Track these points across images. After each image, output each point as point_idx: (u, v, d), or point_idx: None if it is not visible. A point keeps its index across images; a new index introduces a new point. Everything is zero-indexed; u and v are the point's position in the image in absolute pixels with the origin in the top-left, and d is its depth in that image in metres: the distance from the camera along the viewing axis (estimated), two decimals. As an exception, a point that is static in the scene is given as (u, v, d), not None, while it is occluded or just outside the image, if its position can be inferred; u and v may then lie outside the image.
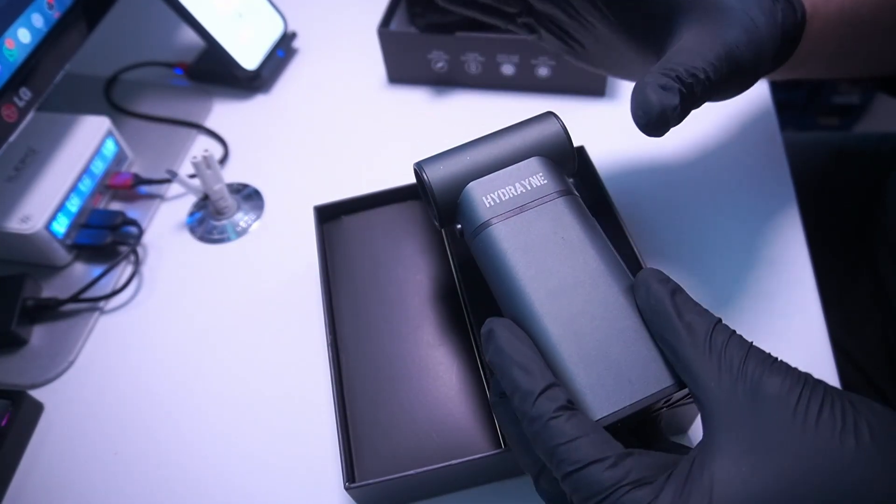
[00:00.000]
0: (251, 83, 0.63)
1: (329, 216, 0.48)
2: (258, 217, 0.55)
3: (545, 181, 0.33)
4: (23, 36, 0.47)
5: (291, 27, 0.66)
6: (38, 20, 0.48)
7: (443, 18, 0.57)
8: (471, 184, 0.33)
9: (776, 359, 0.25)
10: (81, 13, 0.52)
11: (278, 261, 0.51)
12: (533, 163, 0.34)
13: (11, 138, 0.46)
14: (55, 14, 0.50)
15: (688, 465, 0.25)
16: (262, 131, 0.61)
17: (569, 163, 0.35)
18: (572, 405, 0.26)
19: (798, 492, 0.23)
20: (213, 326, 0.49)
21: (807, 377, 0.25)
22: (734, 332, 0.26)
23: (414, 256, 0.45)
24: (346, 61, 0.65)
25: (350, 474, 0.36)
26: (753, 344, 0.26)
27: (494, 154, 0.34)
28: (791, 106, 1.32)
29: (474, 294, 0.41)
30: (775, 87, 0.57)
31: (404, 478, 0.34)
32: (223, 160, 0.59)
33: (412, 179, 0.49)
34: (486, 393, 0.39)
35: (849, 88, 1.29)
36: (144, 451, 0.43)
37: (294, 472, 0.41)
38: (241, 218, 0.54)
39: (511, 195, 0.33)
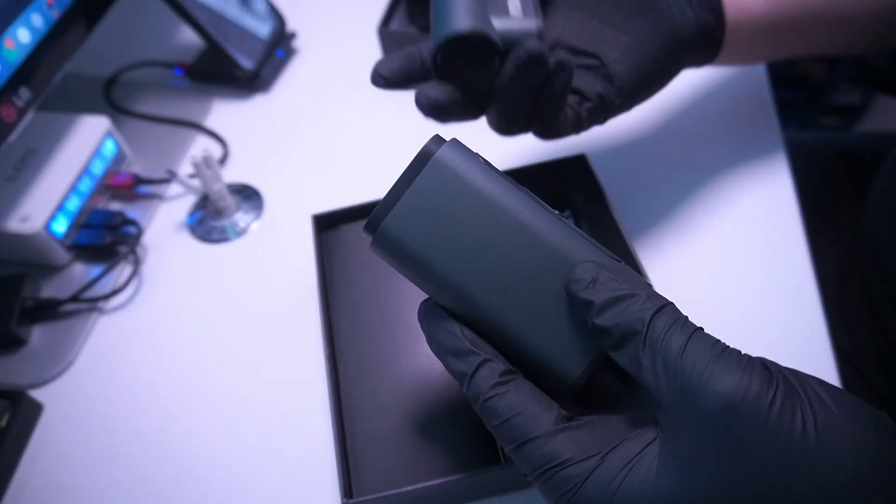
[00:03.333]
0: (251, 83, 0.63)
1: (327, 225, 0.48)
2: (258, 217, 0.55)
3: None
4: (22, 36, 0.47)
5: (291, 27, 0.66)
6: (37, 20, 0.48)
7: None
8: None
9: (722, 348, 0.24)
10: (81, 13, 0.52)
11: (278, 261, 0.51)
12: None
13: (11, 138, 0.46)
14: (55, 14, 0.50)
15: (616, 449, 0.25)
16: (262, 131, 0.61)
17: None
18: (508, 377, 0.26)
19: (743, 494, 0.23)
20: (213, 327, 0.48)
21: (753, 365, 0.24)
22: (677, 319, 0.25)
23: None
24: (346, 61, 0.65)
25: (348, 489, 0.36)
26: (698, 330, 0.25)
27: None
28: (791, 106, 1.32)
29: None
30: (775, 87, 0.57)
31: (403, 493, 0.34)
32: (223, 160, 0.59)
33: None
34: None
35: (849, 88, 1.29)
36: (144, 451, 0.43)
37: (292, 485, 0.41)
38: (241, 218, 0.54)
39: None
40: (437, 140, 0.28)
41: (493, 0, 0.33)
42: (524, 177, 0.44)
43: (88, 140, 0.54)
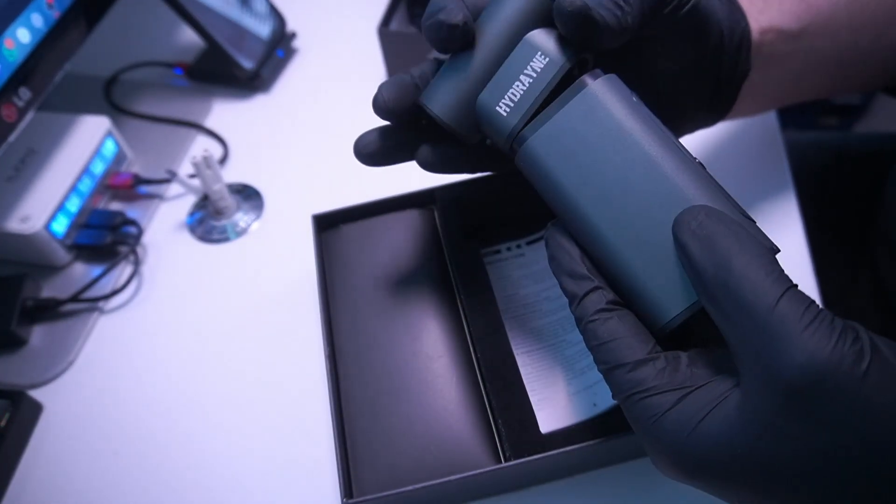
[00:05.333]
0: (251, 83, 0.63)
1: (327, 225, 0.48)
2: (258, 217, 0.55)
3: (547, 59, 0.30)
4: (22, 36, 0.47)
5: (291, 27, 0.66)
6: (37, 20, 0.48)
7: (443, 18, 0.57)
8: (479, 98, 0.31)
9: (815, 312, 0.24)
10: (81, 13, 0.52)
11: (278, 261, 0.51)
12: (526, 45, 0.30)
13: (11, 138, 0.46)
14: (55, 14, 0.50)
15: (700, 389, 0.25)
16: (262, 131, 0.61)
17: (570, 23, 0.29)
18: (614, 306, 0.28)
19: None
20: (213, 327, 0.49)
21: (845, 336, 0.23)
22: (770, 272, 0.25)
23: (413, 266, 0.45)
24: (346, 61, 0.65)
25: (348, 489, 0.36)
26: (792, 288, 0.25)
27: (488, 53, 0.31)
28: (791, 106, 1.32)
29: (474, 305, 0.41)
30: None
31: (403, 493, 0.34)
32: (223, 160, 0.59)
33: (412, 181, 0.48)
34: (486, 406, 0.39)
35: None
36: (144, 451, 0.43)
37: (292, 485, 0.41)
38: (241, 218, 0.54)
39: (521, 92, 0.30)
40: (595, 74, 0.29)
41: (498, 81, 0.31)
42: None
43: (89, 140, 0.54)
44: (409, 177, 0.48)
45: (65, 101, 0.59)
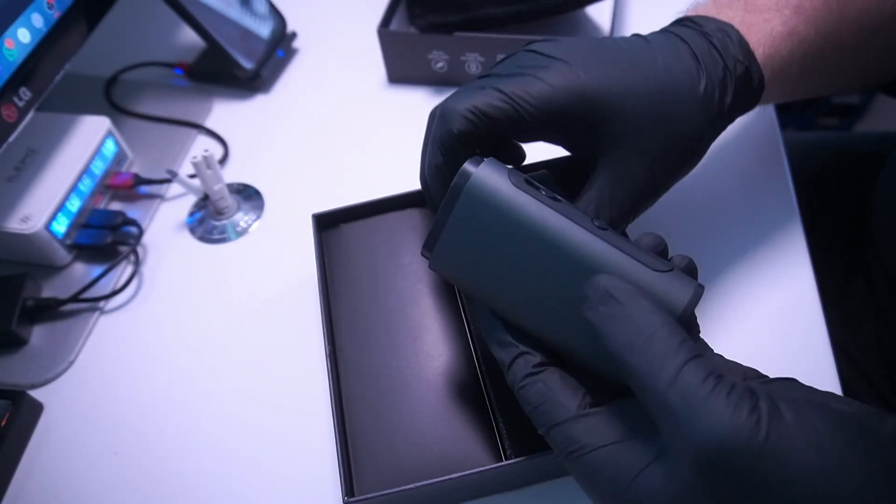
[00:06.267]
0: (251, 83, 0.63)
1: (328, 224, 0.48)
2: (258, 217, 0.55)
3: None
4: (22, 36, 0.47)
5: (291, 27, 0.66)
6: (37, 20, 0.48)
7: (443, 18, 0.57)
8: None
9: (713, 383, 0.24)
10: (81, 13, 0.52)
11: (278, 261, 0.51)
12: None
13: (11, 138, 0.46)
14: (55, 14, 0.50)
15: (631, 441, 0.26)
16: (262, 131, 0.61)
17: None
18: (540, 368, 0.29)
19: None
20: (213, 327, 0.48)
21: (741, 402, 0.24)
22: (681, 342, 0.25)
23: (413, 265, 0.45)
24: (346, 61, 0.65)
25: (349, 488, 0.36)
26: (694, 359, 0.25)
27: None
28: (791, 106, 1.32)
29: (475, 304, 0.41)
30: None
31: (404, 491, 0.34)
32: (223, 160, 0.59)
33: (411, 181, 0.48)
34: (487, 404, 0.39)
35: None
36: (144, 451, 0.43)
37: (293, 484, 0.41)
38: (241, 218, 0.54)
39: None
40: (473, 162, 0.30)
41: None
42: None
43: (89, 140, 0.54)
44: (410, 176, 0.48)
45: (65, 101, 0.59)
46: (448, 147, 0.33)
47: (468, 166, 0.30)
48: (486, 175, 0.30)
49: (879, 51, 0.42)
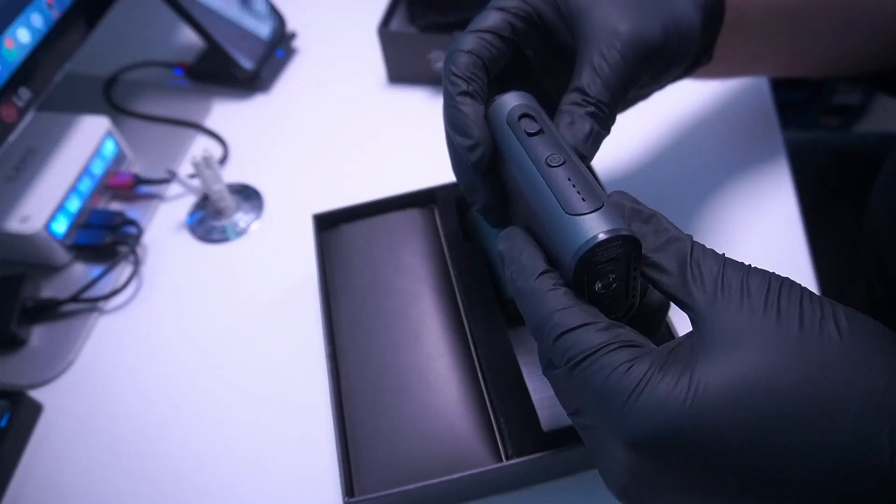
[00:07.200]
0: (251, 83, 0.63)
1: (328, 225, 0.48)
2: (258, 217, 0.55)
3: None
4: (22, 36, 0.47)
5: (291, 27, 0.66)
6: (37, 20, 0.48)
7: (443, 18, 0.57)
8: None
9: (751, 265, 0.26)
10: (81, 13, 0.52)
11: (278, 261, 0.51)
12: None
13: (11, 138, 0.46)
14: (55, 14, 0.50)
15: (674, 344, 0.26)
16: (262, 131, 0.61)
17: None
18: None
19: (784, 381, 0.23)
20: (213, 327, 0.48)
21: (783, 278, 0.26)
22: (705, 247, 0.27)
23: (413, 265, 0.45)
24: (346, 61, 0.65)
25: (349, 488, 0.36)
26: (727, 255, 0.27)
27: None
28: (791, 106, 1.32)
29: (474, 304, 0.41)
30: (775, 88, 0.57)
31: (404, 492, 0.34)
32: (223, 160, 0.59)
33: (411, 182, 0.49)
34: (487, 405, 0.39)
35: (849, 88, 1.29)
36: (144, 451, 0.43)
37: (293, 484, 0.41)
38: (241, 218, 0.54)
39: None
40: (502, 94, 0.33)
41: None
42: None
43: (89, 140, 0.54)
44: (410, 176, 0.48)
45: (65, 101, 0.60)
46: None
47: (497, 97, 0.33)
48: (495, 106, 0.33)
49: (868, 26, 0.43)
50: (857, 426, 0.22)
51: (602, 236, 0.26)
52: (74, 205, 0.52)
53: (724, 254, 0.27)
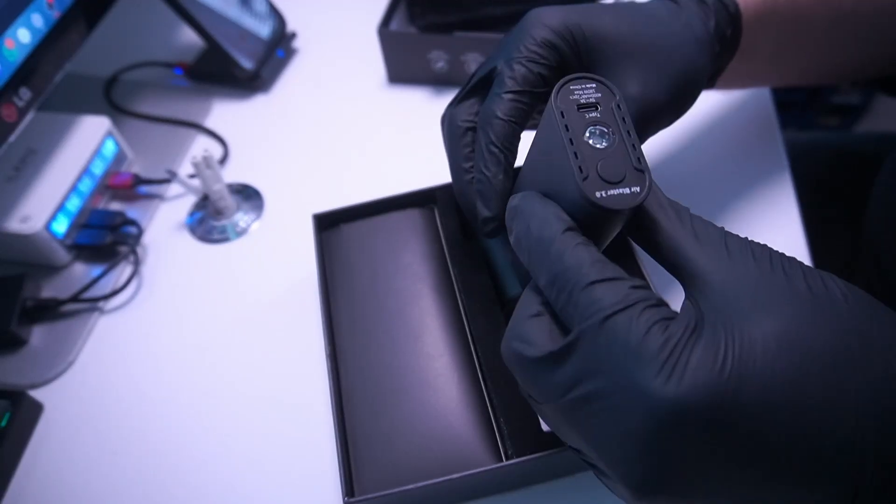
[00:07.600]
0: (251, 83, 0.63)
1: (328, 224, 0.48)
2: (258, 217, 0.55)
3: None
4: (22, 36, 0.47)
5: (291, 27, 0.66)
6: (37, 20, 0.48)
7: (443, 18, 0.57)
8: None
9: (746, 238, 0.27)
10: (81, 13, 0.52)
11: (278, 261, 0.51)
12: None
13: (11, 138, 0.46)
14: (55, 14, 0.50)
15: (697, 308, 0.25)
16: (262, 131, 0.61)
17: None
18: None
19: (820, 336, 0.23)
20: (213, 327, 0.48)
21: (773, 251, 0.27)
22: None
23: (413, 265, 0.45)
24: (346, 61, 0.65)
25: (349, 488, 0.36)
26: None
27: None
28: (791, 106, 1.32)
29: (474, 304, 0.41)
30: (775, 88, 0.57)
31: (405, 492, 0.34)
32: (223, 160, 0.59)
33: (411, 182, 0.49)
34: (488, 405, 0.39)
35: (849, 88, 1.29)
36: (143, 452, 0.43)
37: (293, 484, 0.41)
38: (241, 218, 0.54)
39: None
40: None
41: None
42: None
43: (89, 140, 0.54)
44: (410, 176, 0.48)
45: (65, 101, 0.60)
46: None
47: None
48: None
49: (883, 29, 0.43)
50: (885, 372, 0.23)
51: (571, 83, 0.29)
52: (75, 205, 0.52)
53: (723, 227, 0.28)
